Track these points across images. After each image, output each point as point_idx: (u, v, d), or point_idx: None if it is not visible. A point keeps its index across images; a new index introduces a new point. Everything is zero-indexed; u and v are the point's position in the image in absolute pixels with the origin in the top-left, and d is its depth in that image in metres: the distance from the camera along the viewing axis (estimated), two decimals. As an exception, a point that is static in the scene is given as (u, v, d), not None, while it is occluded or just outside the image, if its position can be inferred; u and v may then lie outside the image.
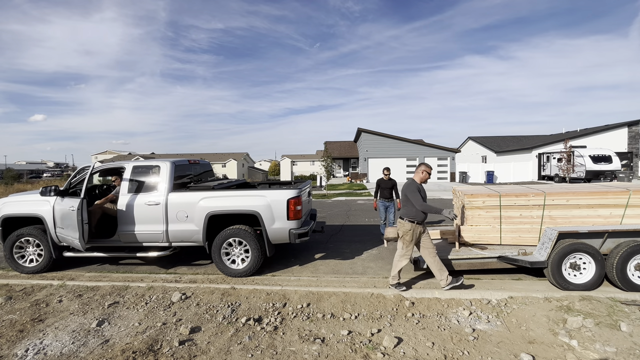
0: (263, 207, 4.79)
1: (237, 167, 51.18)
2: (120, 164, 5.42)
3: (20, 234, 5.21)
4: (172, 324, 3.49)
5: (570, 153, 20.77)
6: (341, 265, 5.49)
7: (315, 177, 32.70)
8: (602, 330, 3.18)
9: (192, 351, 2.98)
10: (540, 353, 2.86)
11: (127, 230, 5.02)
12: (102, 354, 2.97)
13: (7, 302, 4.12)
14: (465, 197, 4.89)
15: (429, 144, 28.19)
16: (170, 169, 5.15)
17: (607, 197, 4.52)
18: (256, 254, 4.85)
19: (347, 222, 9.46)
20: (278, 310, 3.75)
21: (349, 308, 3.76)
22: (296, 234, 4.82)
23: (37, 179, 42.91)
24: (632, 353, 2.83)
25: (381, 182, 6.86)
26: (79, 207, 4.62)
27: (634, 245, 3.97)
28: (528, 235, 4.76)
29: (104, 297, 4.21)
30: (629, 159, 24.38)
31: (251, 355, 2.91)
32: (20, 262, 5.27)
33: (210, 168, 6.88)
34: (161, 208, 4.93)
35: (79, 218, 4.62)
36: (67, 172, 52.08)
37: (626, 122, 26.54)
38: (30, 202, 5.33)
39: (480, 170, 26.50)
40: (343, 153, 37.20)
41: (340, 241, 7.14)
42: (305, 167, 54.81)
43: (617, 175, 19.11)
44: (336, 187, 22.39)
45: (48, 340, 3.23)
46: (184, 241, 5.05)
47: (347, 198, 16.06)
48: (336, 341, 3.09)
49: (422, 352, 2.91)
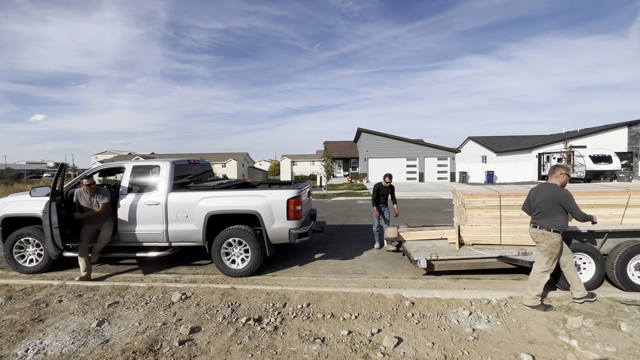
0: (263, 207, 4.79)
1: (237, 167, 51.18)
2: (119, 164, 5.42)
3: (20, 234, 5.21)
4: (172, 324, 3.49)
5: (570, 153, 20.77)
6: (341, 265, 5.49)
7: (315, 177, 32.70)
8: (602, 330, 3.18)
9: (192, 351, 2.98)
10: (540, 353, 2.86)
11: (127, 230, 5.02)
12: (102, 354, 2.97)
13: (7, 302, 4.12)
14: (466, 197, 4.89)
15: (429, 144, 28.18)
16: (170, 169, 5.15)
17: (607, 197, 4.51)
18: (256, 254, 4.85)
19: (347, 222, 9.46)
20: (278, 310, 3.75)
21: (349, 308, 3.76)
22: (296, 234, 4.82)
23: (37, 179, 42.95)
24: (632, 353, 2.83)
25: (380, 188, 6.43)
26: (45, 210, 4.53)
27: (634, 245, 3.97)
28: (528, 235, 4.75)
29: (104, 297, 4.21)
30: (629, 159, 24.37)
31: (251, 355, 2.91)
32: (20, 262, 5.27)
33: (210, 168, 6.88)
34: (161, 208, 4.93)
35: (46, 222, 4.49)
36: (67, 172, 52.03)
37: (626, 122, 26.56)
38: (30, 202, 5.32)
39: (480, 170, 26.51)
40: (343, 153, 37.20)
41: (340, 241, 7.14)
42: (305, 167, 54.79)
43: (617, 175, 19.11)
44: (336, 187, 22.39)
45: (48, 340, 3.23)
46: (184, 241, 5.05)
47: (347, 198, 16.06)
48: (336, 341, 3.09)
49: (422, 352, 2.90)
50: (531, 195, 3.89)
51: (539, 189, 3.82)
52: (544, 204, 3.66)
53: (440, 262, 4.51)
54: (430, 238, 5.46)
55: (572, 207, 3.55)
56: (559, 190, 3.64)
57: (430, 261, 4.50)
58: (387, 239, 5.48)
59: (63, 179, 4.84)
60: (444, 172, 27.13)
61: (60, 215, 4.71)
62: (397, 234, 5.46)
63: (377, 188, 6.42)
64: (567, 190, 3.65)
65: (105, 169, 5.69)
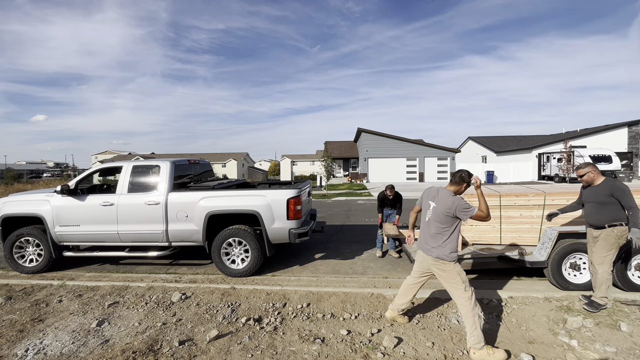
0: (263, 206, 4.79)
1: (237, 167, 51.18)
2: (118, 164, 5.42)
3: (20, 234, 5.21)
4: (172, 324, 3.49)
5: (570, 153, 20.78)
6: (341, 265, 5.49)
7: (315, 177, 32.69)
8: (602, 330, 3.18)
9: (192, 351, 2.98)
10: (540, 353, 2.86)
11: (127, 229, 5.02)
12: (102, 354, 2.97)
13: (7, 302, 4.12)
14: (465, 197, 4.88)
15: (429, 144, 28.18)
16: (170, 168, 5.15)
17: (607, 197, 4.50)
18: (256, 253, 4.85)
19: (347, 222, 9.46)
20: (278, 310, 3.75)
21: (349, 308, 3.76)
22: (296, 234, 4.82)
23: (37, 179, 42.91)
24: (632, 353, 2.83)
25: (385, 198, 5.98)
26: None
27: (634, 245, 3.96)
28: (528, 235, 4.75)
29: (104, 297, 4.21)
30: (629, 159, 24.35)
31: (251, 355, 2.91)
32: (20, 262, 5.27)
33: (210, 168, 6.88)
34: (161, 208, 4.93)
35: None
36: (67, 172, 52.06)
37: (626, 122, 26.54)
38: (30, 201, 5.33)
39: (480, 170, 26.49)
40: (343, 153, 37.19)
41: (340, 241, 7.14)
42: (305, 167, 54.79)
43: (617, 175, 19.11)
44: (336, 187, 22.38)
45: (48, 340, 3.23)
46: (184, 241, 5.05)
47: (347, 198, 16.06)
48: (336, 341, 3.09)
49: (422, 352, 2.90)
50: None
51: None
52: (606, 198, 3.52)
53: (440, 262, 4.50)
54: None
55: (631, 201, 3.42)
56: (620, 183, 3.52)
57: (430, 261, 4.49)
58: (387, 235, 5.46)
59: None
60: (444, 172, 27.11)
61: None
62: (398, 231, 5.46)
63: (381, 198, 6.02)
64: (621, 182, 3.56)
65: (105, 169, 5.69)
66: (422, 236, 3.22)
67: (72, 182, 5.23)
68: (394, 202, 5.97)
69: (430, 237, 3.10)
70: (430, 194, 3.23)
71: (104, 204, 5.03)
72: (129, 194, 5.07)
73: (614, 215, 3.44)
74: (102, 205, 5.03)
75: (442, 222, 3.01)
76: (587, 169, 3.60)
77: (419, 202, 3.47)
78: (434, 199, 3.14)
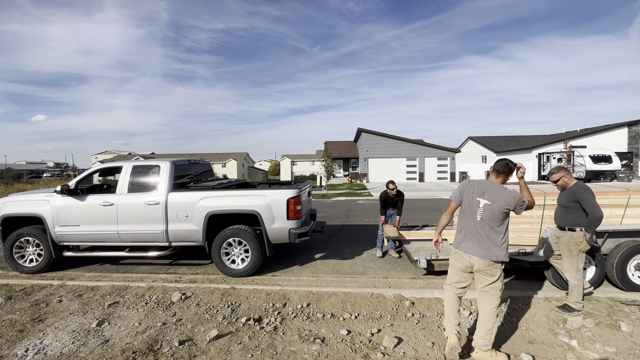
0: (263, 206, 4.79)
1: (237, 167, 51.18)
2: (118, 164, 5.42)
3: (20, 234, 5.21)
4: (172, 323, 3.49)
5: (570, 153, 20.80)
6: (341, 265, 5.49)
7: (315, 177, 32.69)
8: (602, 330, 3.18)
9: (192, 351, 2.98)
10: (540, 353, 2.86)
11: (127, 229, 5.02)
12: (102, 354, 2.97)
13: (7, 302, 4.12)
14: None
15: (429, 144, 28.19)
16: (170, 168, 5.15)
17: (607, 197, 4.51)
18: (256, 253, 4.85)
19: (347, 222, 9.46)
20: (278, 310, 3.75)
21: (349, 308, 3.76)
22: (296, 234, 4.82)
23: (37, 178, 42.93)
24: (632, 353, 2.83)
25: (387, 197, 5.82)
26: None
27: (634, 245, 3.97)
28: (528, 235, 4.75)
29: (104, 297, 4.21)
30: (629, 159, 24.39)
31: (251, 355, 2.91)
32: (20, 262, 5.27)
33: (210, 168, 6.88)
34: (161, 208, 4.93)
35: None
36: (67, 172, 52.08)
37: (626, 122, 26.55)
38: (30, 201, 5.33)
39: (480, 170, 26.52)
40: (343, 153, 37.20)
41: (340, 241, 7.14)
42: (305, 167, 54.80)
43: (617, 175, 19.13)
44: (336, 187, 22.38)
45: (48, 340, 3.23)
46: (184, 241, 5.05)
47: (347, 198, 16.06)
48: (336, 341, 3.09)
49: (422, 352, 2.90)
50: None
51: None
52: (569, 203, 3.62)
53: (441, 262, 4.50)
54: (430, 238, 5.46)
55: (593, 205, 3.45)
56: (584, 187, 3.58)
57: (431, 261, 4.50)
58: (387, 237, 5.45)
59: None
60: (444, 172, 27.13)
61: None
62: (398, 232, 5.46)
63: (384, 198, 5.83)
64: (588, 187, 3.58)
65: (105, 169, 5.69)
66: (470, 239, 2.81)
67: (72, 182, 5.23)
68: (396, 199, 5.87)
69: (485, 238, 2.74)
70: (477, 189, 2.82)
71: (104, 204, 5.03)
72: (129, 194, 5.07)
73: (575, 220, 3.51)
74: (102, 205, 5.03)
75: (498, 220, 2.72)
76: (560, 173, 3.61)
77: (455, 198, 2.97)
78: (483, 195, 2.77)
